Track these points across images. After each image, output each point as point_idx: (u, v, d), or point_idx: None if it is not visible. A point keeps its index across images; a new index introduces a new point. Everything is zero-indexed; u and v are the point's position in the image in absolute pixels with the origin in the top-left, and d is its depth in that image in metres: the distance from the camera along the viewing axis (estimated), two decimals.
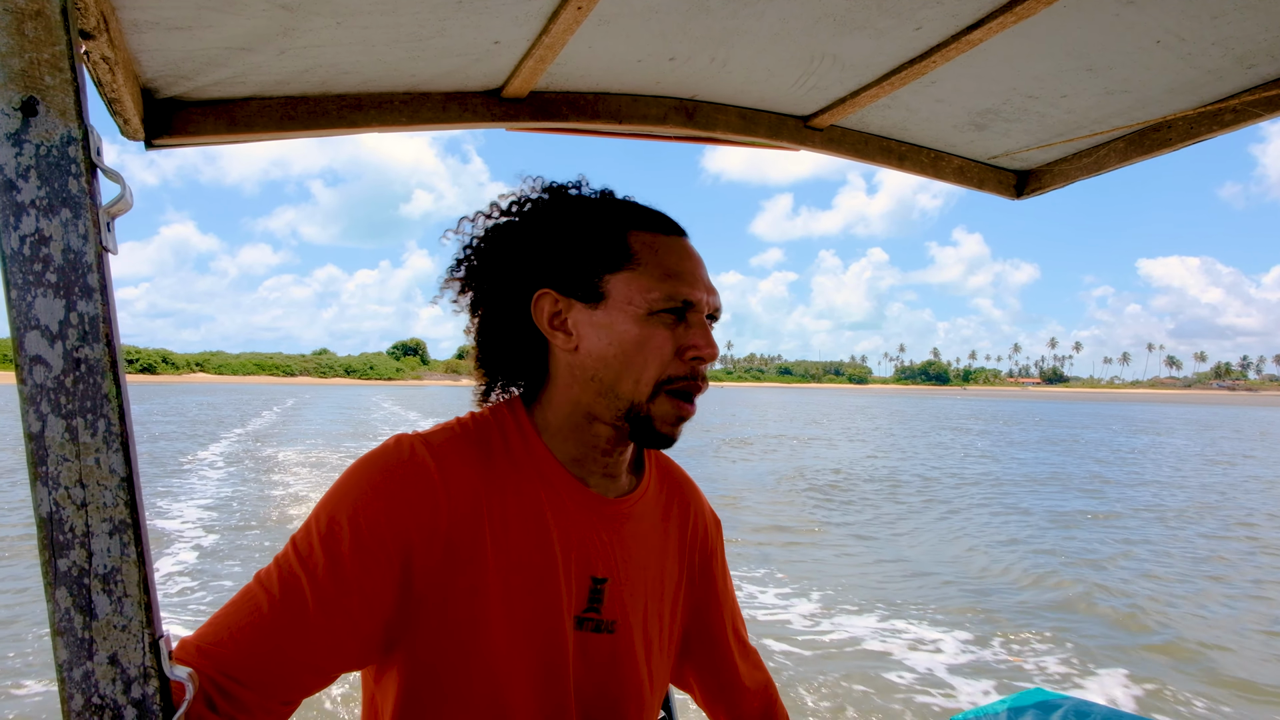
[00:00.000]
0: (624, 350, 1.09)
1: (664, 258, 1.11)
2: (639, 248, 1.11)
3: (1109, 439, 35.31)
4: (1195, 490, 17.61)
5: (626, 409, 1.10)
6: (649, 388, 1.09)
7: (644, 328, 1.08)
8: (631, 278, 1.09)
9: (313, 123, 1.52)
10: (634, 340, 1.08)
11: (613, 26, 1.38)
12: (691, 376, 1.10)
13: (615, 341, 1.09)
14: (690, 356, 1.09)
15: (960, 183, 2.10)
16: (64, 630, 0.75)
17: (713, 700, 1.37)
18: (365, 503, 1.00)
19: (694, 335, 1.10)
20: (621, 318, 1.09)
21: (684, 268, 1.11)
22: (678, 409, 1.11)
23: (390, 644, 1.04)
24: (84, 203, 0.74)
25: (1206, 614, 8.09)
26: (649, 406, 1.10)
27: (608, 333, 1.09)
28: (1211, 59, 1.49)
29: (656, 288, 1.08)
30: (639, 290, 1.09)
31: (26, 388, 0.73)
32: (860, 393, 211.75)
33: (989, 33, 1.37)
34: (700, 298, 1.11)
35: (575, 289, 1.11)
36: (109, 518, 0.75)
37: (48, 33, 0.72)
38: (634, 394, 1.09)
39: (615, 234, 1.12)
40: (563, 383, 1.14)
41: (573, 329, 1.12)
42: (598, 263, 1.11)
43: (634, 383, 1.09)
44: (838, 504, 14.62)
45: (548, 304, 1.13)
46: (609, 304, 1.10)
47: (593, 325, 1.10)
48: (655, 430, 1.11)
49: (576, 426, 1.14)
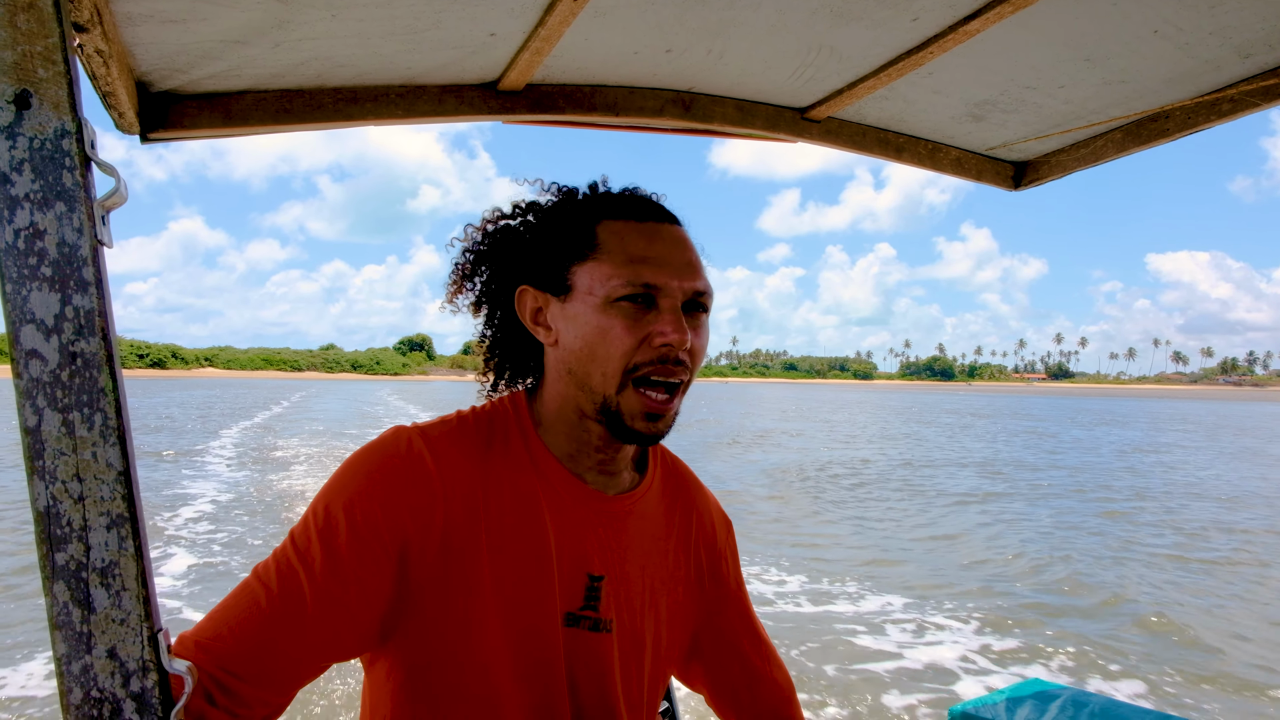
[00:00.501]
0: (588, 341, 1.06)
1: (629, 244, 1.07)
2: (605, 236, 1.08)
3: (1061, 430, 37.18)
4: (1073, 470, 19.55)
5: (600, 403, 1.08)
6: (615, 379, 1.06)
7: (605, 316, 1.05)
8: (595, 267, 1.07)
9: (308, 116, 1.52)
10: (596, 330, 1.06)
11: (609, 19, 1.38)
12: (660, 362, 1.05)
13: (581, 333, 1.07)
14: (658, 344, 1.05)
15: (958, 174, 2.10)
16: (62, 624, 0.74)
17: (723, 701, 1.35)
18: (362, 495, 1.00)
19: (661, 321, 1.05)
20: (584, 308, 1.07)
21: (652, 252, 1.07)
22: (644, 402, 1.06)
23: (387, 634, 1.04)
24: (78, 196, 0.73)
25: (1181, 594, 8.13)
26: (618, 400, 1.06)
27: (575, 324, 1.08)
28: (1209, 49, 1.49)
29: (616, 274, 1.05)
30: (599, 279, 1.06)
31: (23, 382, 0.73)
32: (863, 388, 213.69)
33: (986, 23, 1.37)
34: (666, 282, 1.06)
35: (547, 283, 1.11)
36: (106, 511, 0.75)
37: (40, 25, 0.72)
38: (603, 387, 1.07)
39: (583, 225, 1.11)
40: (552, 378, 1.14)
41: (551, 323, 1.12)
42: (565, 254, 1.10)
43: (601, 375, 1.06)
44: (825, 500, 14.65)
45: (529, 300, 1.13)
46: (574, 295, 1.08)
47: (564, 318, 1.10)
48: (627, 426, 1.07)
49: (569, 422, 1.13)
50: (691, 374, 1.10)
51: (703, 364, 1.13)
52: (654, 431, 1.08)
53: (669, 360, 1.06)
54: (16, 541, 9.64)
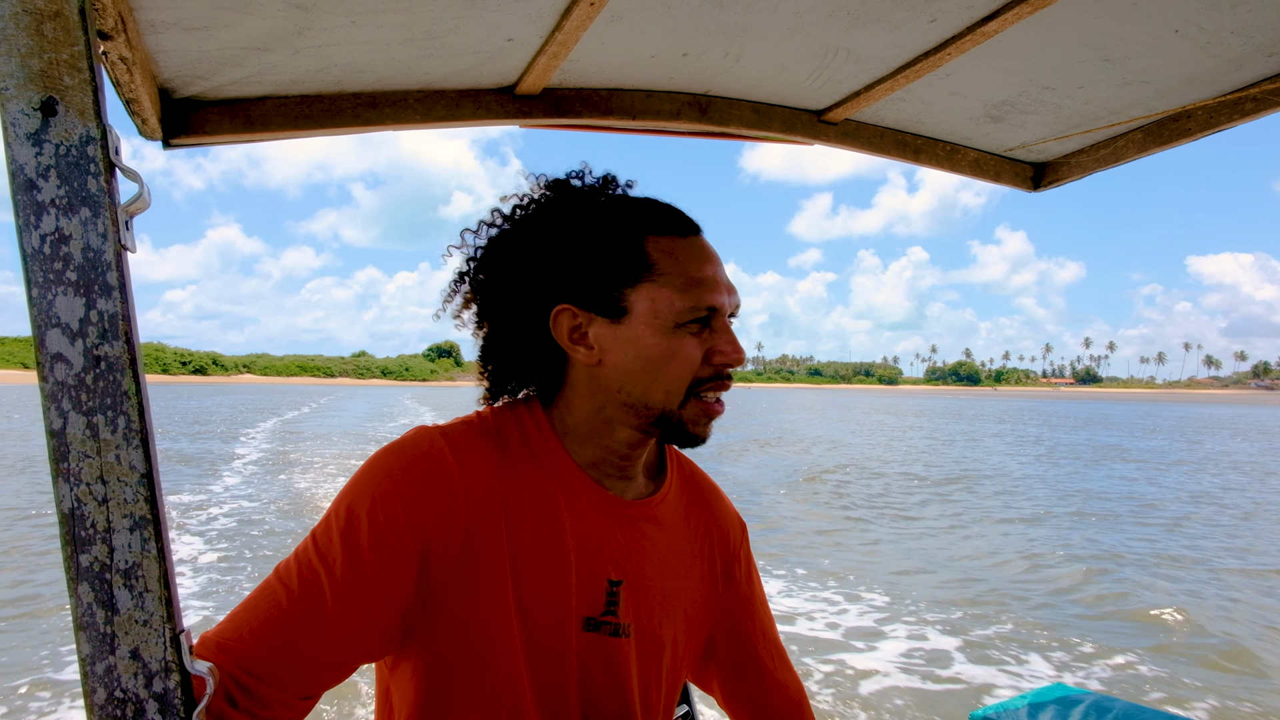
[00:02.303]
0: (652, 363, 1.07)
1: (684, 265, 1.08)
2: (658, 256, 1.07)
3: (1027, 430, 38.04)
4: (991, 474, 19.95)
5: (657, 416, 1.09)
6: (680, 396, 1.08)
7: (671, 340, 1.06)
8: (654, 290, 1.06)
9: (328, 121, 1.53)
10: (662, 354, 1.06)
11: (625, 22, 1.38)
12: (718, 377, 1.10)
13: (642, 355, 1.07)
14: (719, 361, 1.09)
15: (976, 175, 2.09)
16: (86, 625, 0.75)
17: (737, 704, 1.35)
18: (384, 496, 1.00)
19: (721, 341, 1.09)
20: (647, 332, 1.06)
21: (705, 273, 1.08)
22: (707, 410, 1.10)
23: (407, 636, 1.04)
24: (103, 201, 0.74)
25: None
26: (680, 412, 1.09)
27: (634, 347, 1.07)
28: (1231, 48, 1.47)
29: (679, 299, 1.06)
30: (663, 303, 1.06)
31: (48, 385, 0.74)
32: (887, 393, 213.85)
33: (1004, 24, 1.36)
34: (722, 303, 1.09)
35: (595, 303, 1.08)
36: (129, 513, 0.75)
37: (66, 33, 0.73)
38: (665, 403, 1.08)
39: (632, 242, 1.08)
40: (584, 392, 1.12)
41: (594, 343, 1.09)
42: (617, 276, 1.07)
43: (665, 393, 1.08)
44: (837, 504, 14.59)
45: (566, 319, 1.09)
46: (632, 318, 1.07)
47: (616, 340, 1.08)
48: (688, 432, 1.11)
49: (596, 431, 1.13)
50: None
51: None
52: (708, 433, 1.12)
53: (725, 374, 1.11)
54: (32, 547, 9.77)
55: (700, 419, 1.10)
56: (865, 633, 6.99)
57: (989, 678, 6.02)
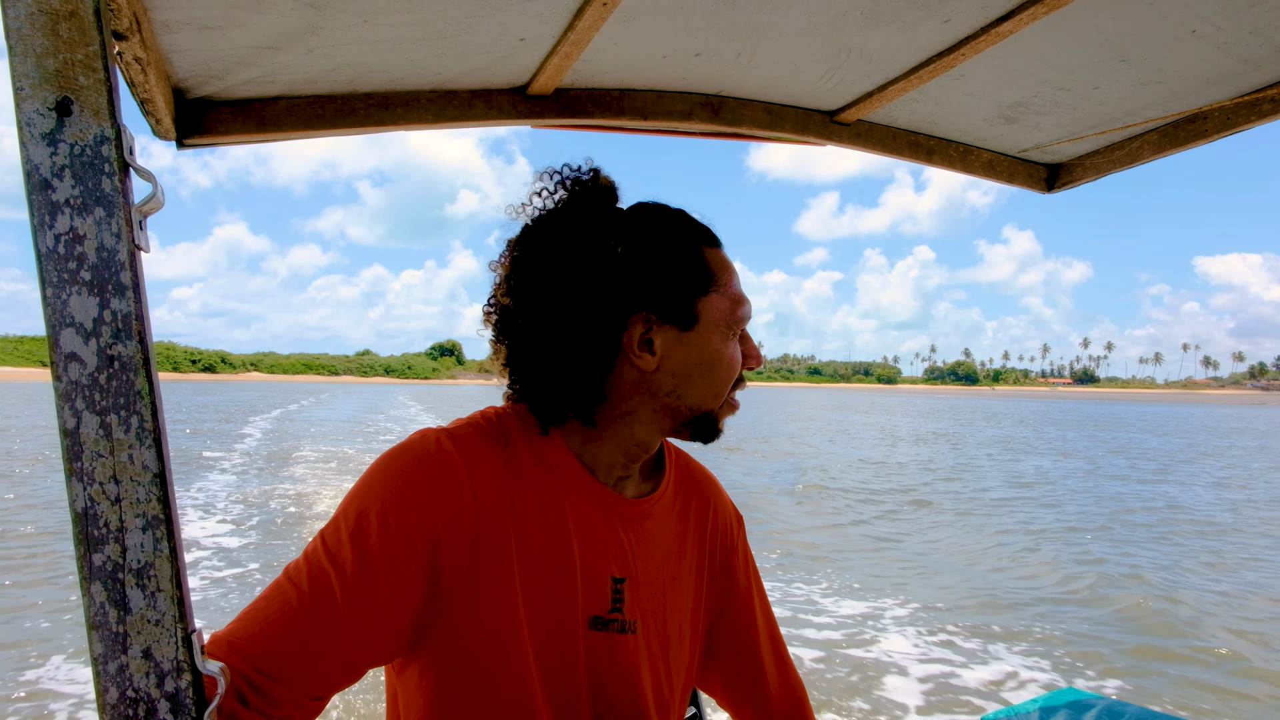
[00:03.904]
0: (709, 366, 1.14)
1: (732, 276, 1.17)
2: (715, 267, 1.15)
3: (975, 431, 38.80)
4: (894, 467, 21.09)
5: (698, 415, 1.16)
6: (722, 398, 1.17)
7: (729, 345, 1.15)
8: (717, 299, 1.14)
9: (341, 121, 1.53)
10: (721, 357, 1.14)
11: (638, 23, 1.38)
12: (741, 379, 1.20)
13: (705, 361, 1.13)
14: (750, 365, 1.19)
15: (989, 177, 2.07)
16: (99, 624, 0.75)
17: (738, 700, 1.35)
18: (392, 498, 1.00)
19: (749, 346, 1.19)
20: (715, 338, 1.14)
21: (738, 283, 1.18)
22: (733, 408, 1.20)
23: (418, 638, 1.04)
24: (117, 201, 0.74)
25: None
26: (718, 411, 1.18)
27: (698, 352, 1.13)
28: (1249, 48, 1.46)
29: (735, 307, 1.15)
30: (724, 311, 1.14)
31: (62, 384, 0.74)
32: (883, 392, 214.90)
33: (1019, 24, 1.35)
34: (750, 312, 1.19)
35: (671, 313, 1.11)
36: (142, 513, 0.75)
37: (81, 33, 0.73)
38: (712, 403, 1.16)
39: (696, 254, 1.14)
40: (622, 396, 1.12)
41: (659, 349, 1.12)
42: (691, 286, 1.13)
43: (713, 394, 1.15)
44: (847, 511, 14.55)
45: (640, 328, 1.10)
46: (701, 326, 1.13)
47: (682, 346, 1.13)
48: (717, 428, 1.18)
49: (614, 433, 1.14)
50: None
51: None
52: (723, 428, 1.20)
53: (744, 377, 1.20)
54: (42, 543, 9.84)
55: (727, 414, 1.20)
56: (874, 636, 6.97)
57: (1000, 681, 5.99)
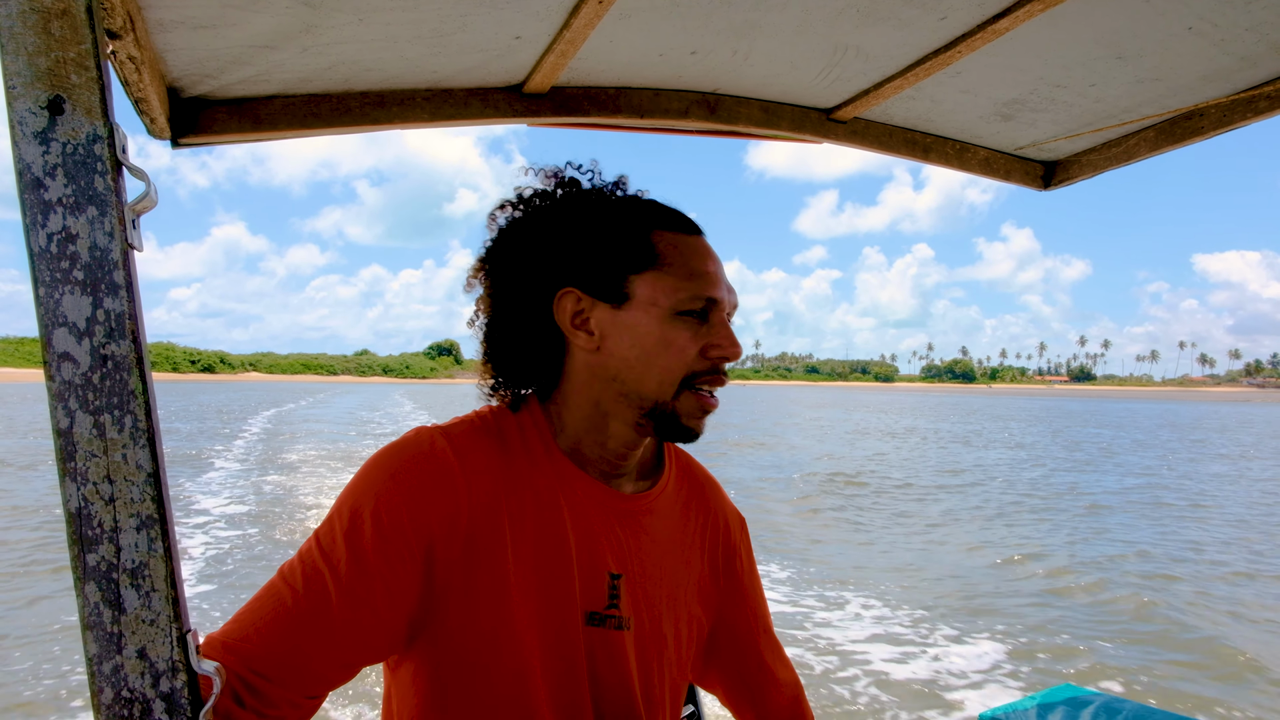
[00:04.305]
0: (648, 351, 1.09)
1: (688, 258, 1.11)
2: (664, 248, 1.10)
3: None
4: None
5: (650, 407, 1.10)
6: (673, 387, 1.10)
7: (669, 328, 1.08)
8: (657, 278, 1.09)
9: (336, 120, 1.53)
10: (659, 340, 1.09)
11: (634, 21, 1.38)
12: (713, 371, 1.11)
13: (639, 342, 1.09)
14: (714, 355, 1.10)
15: (986, 174, 2.07)
16: (93, 625, 0.75)
17: (738, 699, 1.35)
18: (386, 497, 1.00)
19: (718, 334, 1.11)
20: (646, 318, 1.09)
21: (707, 268, 1.11)
22: (701, 403, 1.12)
23: (413, 636, 1.04)
24: (110, 200, 0.74)
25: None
26: (673, 404, 1.10)
27: (631, 333, 1.09)
28: (1245, 45, 1.46)
29: (682, 288, 1.09)
30: (665, 291, 1.08)
31: (55, 384, 0.73)
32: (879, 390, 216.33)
33: (1016, 21, 1.35)
34: (723, 297, 1.11)
35: (599, 288, 1.10)
36: (136, 513, 0.75)
37: (73, 31, 0.72)
38: (658, 393, 1.10)
39: (640, 233, 1.11)
40: (580, 381, 1.13)
41: (595, 329, 1.11)
42: (623, 262, 1.10)
43: (658, 383, 1.10)
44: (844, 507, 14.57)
45: (570, 303, 1.11)
46: (634, 304, 1.09)
47: (616, 325, 1.10)
48: (681, 425, 1.12)
49: (592, 425, 1.14)
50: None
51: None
52: (702, 428, 1.13)
53: (720, 369, 1.12)
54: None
55: (694, 412, 1.11)
56: (872, 634, 6.98)
57: (998, 678, 6.00)
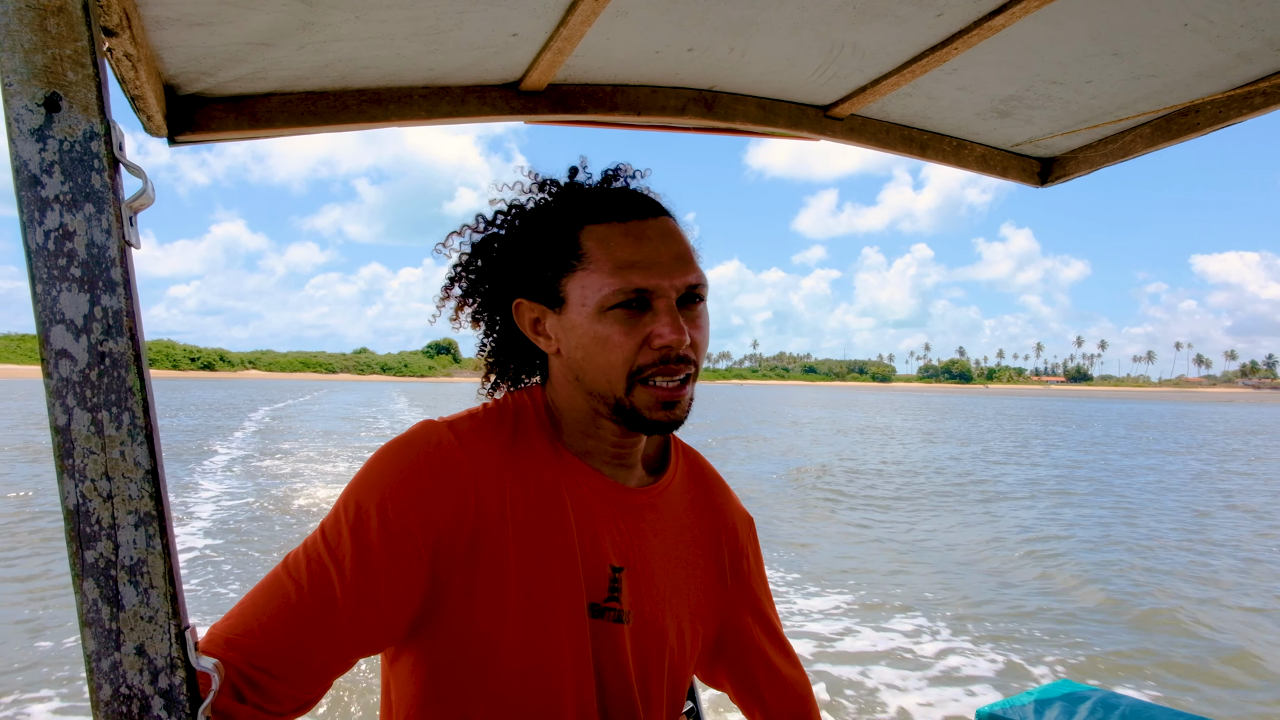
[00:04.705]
0: (588, 351, 1.08)
1: (615, 250, 1.07)
2: (590, 245, 1.08)
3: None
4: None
5: (612, 404, 1.09)
6: (622, 383, 1.07)
7: (600, 325, 1.06)
8: (584, 277, 1.07)
9: (333, 117, 1.53)
10: (594, 339, 1.07)
11: (631, 18, 1.38)
12: (662, 363, 1.07)
13: (580, 343, 1.08)
14: (656, 345, 1.06)
15: (983, 171, 2.08)
16: (92, 621, 0.75)
17: (747, 698, 1.35)
18: (394, 492, 1.00)
19: (658, 323, 1.06)
20: (579, 318, 1.08)
21: (640, 254, 1.07)
22: (656, 394, 1.08)
23: (414, 629, 1.04)
24: (107, 197, 0.74)
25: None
26: (630, 400, 1.08)
27: (573, 335, 1.09)
28: (1240, 41, 1.46)
29: (606, 283, 1.05)
30: (590, 289, 1.07)
31: (52, 381, 0.74)
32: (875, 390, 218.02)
33: (1012, 18, 1.35)
34: (658, 283, 1.06)
35: (541, 295, 1.12)
36: (134, 510, 0.75)
37: (70, 29, 0.73)
38: (610, 391, 1.08)
39: (567, 234, 1.10)
40: (558, 382, 1.16)
41: (550, 333, 1.13)
42: (554, 267, 1.10)
43: (606, 381, 1.08)
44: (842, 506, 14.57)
45: (526, 312, 1.14)
46: (569, 307, 1.09)
47: (562, 329, 1.11)
48: (645, 419, 1.09)
49: (582, 420, 1.15)
50: (697, 364, 1.10)
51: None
52: (671, 418, 1.09)
53: (670, 359, 1.07)
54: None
55: (651, 405, 1.08)
56: (869, 630, 6.99)
57: (996, 674, 6.01)
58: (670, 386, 1.07)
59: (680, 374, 1.08)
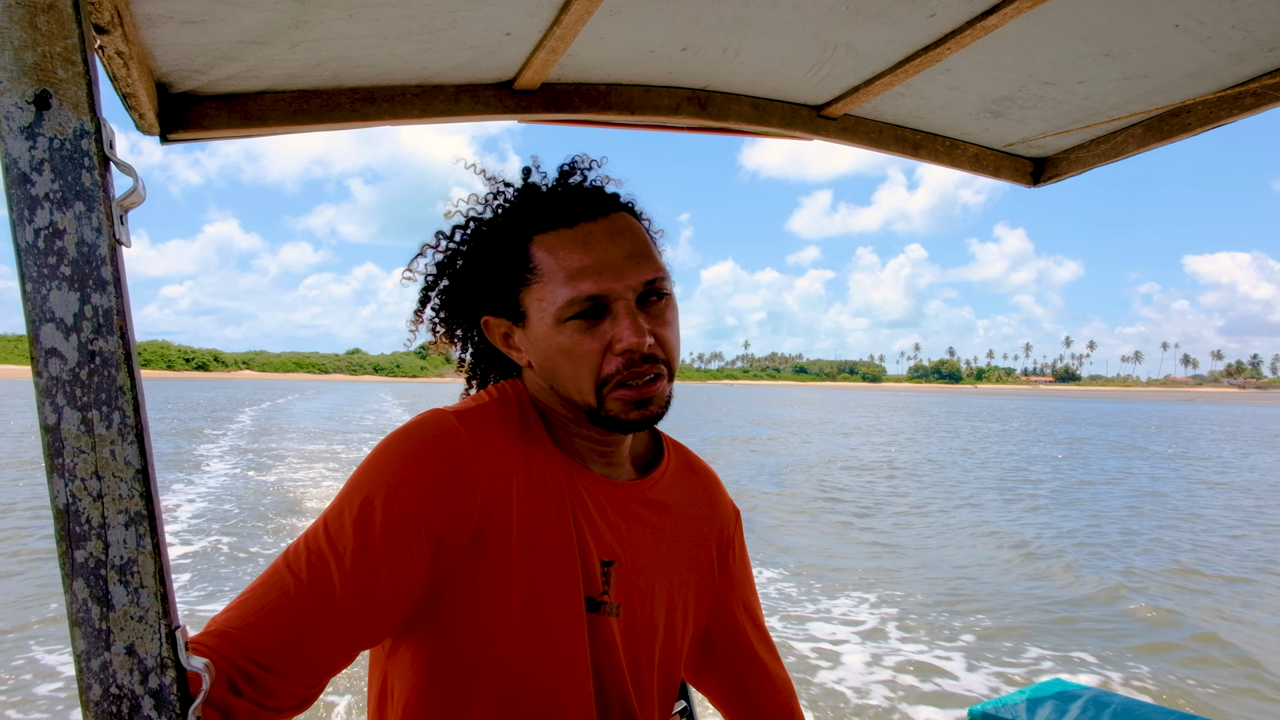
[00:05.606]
0: (556, 363, 1.08)
1: (565, 258, 1.06)
2: (540, 255, 1.07)
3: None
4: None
5: (587, 410, 1.10)
6: (591, 392, 1.07)
7: (561, 337, 1.06)
8: (539, 289, 1.07)
9: (325, 116, 1.52)
10: (558, 351, 1.07)
11: (624, 17, 1.38)
12: (628, 367, 1.05)
13: (546, 355, 1.09)
14: (619, 350, 1.05)
15: (976, 171, 2.08)
16: (82, 621, 0.75)
17: (732, 695, 1.35)
18: (399, 483, 0.99)
19: (618, 327, 1.05)
20: (541, 332, 1.08)
21: (590, 258, 1.05)
22: (627, 398, 1.07)
23: (413, 621, 1.03)
24: (97, 196, 0.74)
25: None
26: (603, 408, 1.08)
27: (539, 347, 1.10)
28: (1232, 42, 1.47)
29: (559, 294, 1.05)
30: (546, 301, 1.06)
31: (42, 380, 0.73)
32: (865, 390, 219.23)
33: (1004, 18, 1.36)
34: (610, 286, 1.04)
35: (504, 310, 1.13)
36: (125, 509, 0.75)
37: (60, 26, 0.72)
38: (582, 399, 1.08)
39: (517, 247, 1.10)
40: (537, 389, 1.17)
41: (519, 346, 1.14)
42: (509, 281, 1.10)
43: (577, 390, 1.08)
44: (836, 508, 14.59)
45: (495, 327, 1.16)
46: (530, 320, 1.10)
47: (528, 342, 1.12)
48: (621, 421, 1.08)
49: (566, 422, 1.15)
50: (669, 361, 1.09)
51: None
52: (647, 416, 1.09)
53: (635, 362, 1.06)
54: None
55: (625, 408, 1.07)
56: (860, 630, 7.00)
57: (988, 673, 6.02)
58: (641, 385, 1.07)
59: (648, 374, 1.07)
